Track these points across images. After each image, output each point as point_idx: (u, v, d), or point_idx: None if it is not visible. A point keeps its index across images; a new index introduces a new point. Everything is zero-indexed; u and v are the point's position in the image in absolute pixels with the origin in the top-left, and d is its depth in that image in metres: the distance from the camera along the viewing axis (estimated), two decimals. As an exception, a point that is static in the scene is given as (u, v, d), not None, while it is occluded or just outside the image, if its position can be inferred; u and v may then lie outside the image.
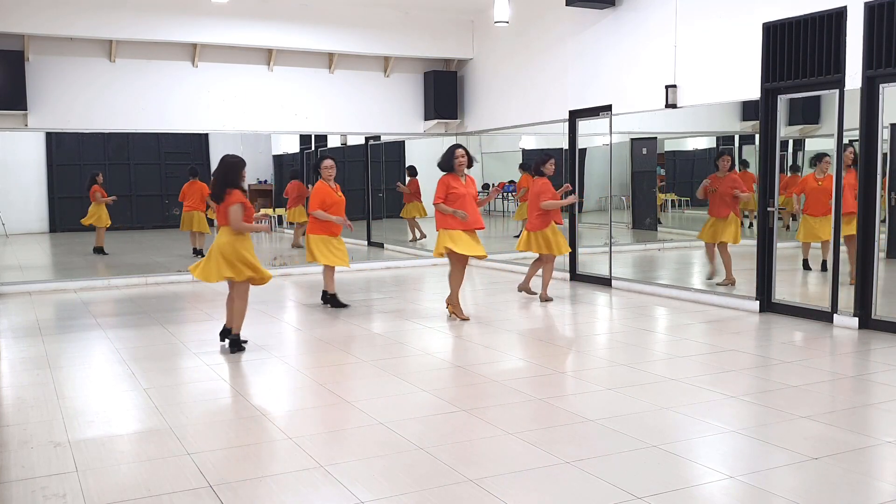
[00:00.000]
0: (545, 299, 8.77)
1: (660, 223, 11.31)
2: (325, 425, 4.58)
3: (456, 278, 7.74)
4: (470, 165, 7.75)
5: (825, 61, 7.10)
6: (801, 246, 8.80)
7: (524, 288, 9.04)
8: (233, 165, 6.35)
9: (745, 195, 8.63)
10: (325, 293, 8.65)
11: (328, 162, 8.25)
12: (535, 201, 8.59)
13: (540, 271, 8.96)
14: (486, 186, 13.28)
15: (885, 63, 6.61)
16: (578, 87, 10.19)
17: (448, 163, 7.67)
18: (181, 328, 7.51)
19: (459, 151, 7.64)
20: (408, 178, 14.17)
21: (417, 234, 14.22)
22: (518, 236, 9.66)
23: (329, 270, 8.56)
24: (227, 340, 6.57)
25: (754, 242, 8.04)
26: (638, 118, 9.49)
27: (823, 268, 8.35)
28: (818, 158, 8.24)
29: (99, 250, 12.80)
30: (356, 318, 7.99)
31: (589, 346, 6.83)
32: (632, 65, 9.33)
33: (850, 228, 7.08)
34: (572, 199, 8.79)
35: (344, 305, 8.55)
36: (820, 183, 8.16)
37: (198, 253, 12.31)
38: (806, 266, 8.87)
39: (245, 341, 6.61)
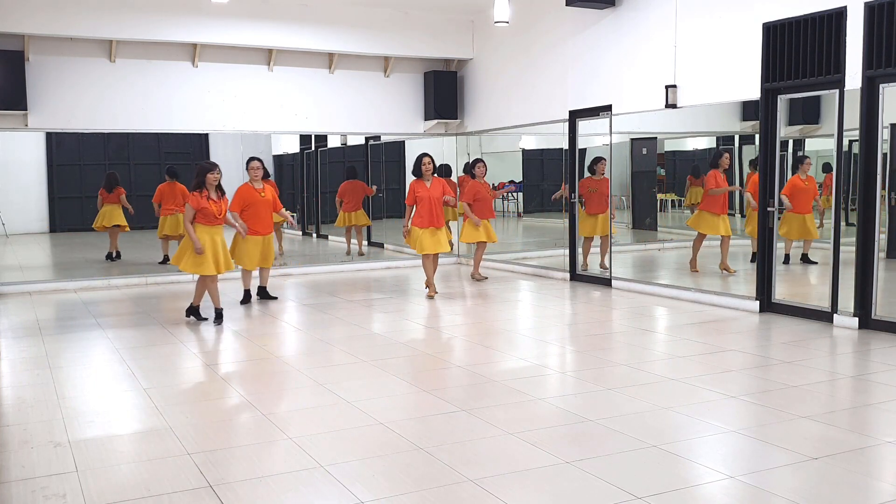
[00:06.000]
0: (479, 278, 10.47)
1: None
2: (325, 425, 4.58)
3: (427, 267, 9.26)
4: (435, 172, 9.23)
5: (825, 61, 7.10)
6: (784, 242, 8.92)
7: (476, 274, 10.47)
8: (201, 169, 7.48)
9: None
10: (259, 290, 9.21)
11: (255, 163, 8.84)
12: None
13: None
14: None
15: (885, 63, 6.60)
16: (578, 87, 10.19)
17: (417, 169, 9.04)
18: (181, 328, 7.51)
19: (426, 159, 9.00)
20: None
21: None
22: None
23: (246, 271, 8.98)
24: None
25: (752, 242, 8.04)
26: (638, 118, 9.49)
27: (805, 260, 9.12)
28: (800, 161, 8.65)
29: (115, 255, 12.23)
30: (356, 318, 7.99)
31: (589, 346, 6.83)
32: (632, 65, 9.33)
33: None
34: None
35: (273, 297, 9.21)
36: (806, 184, 8.64)
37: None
38: (787, 260, 9.05)
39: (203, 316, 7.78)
